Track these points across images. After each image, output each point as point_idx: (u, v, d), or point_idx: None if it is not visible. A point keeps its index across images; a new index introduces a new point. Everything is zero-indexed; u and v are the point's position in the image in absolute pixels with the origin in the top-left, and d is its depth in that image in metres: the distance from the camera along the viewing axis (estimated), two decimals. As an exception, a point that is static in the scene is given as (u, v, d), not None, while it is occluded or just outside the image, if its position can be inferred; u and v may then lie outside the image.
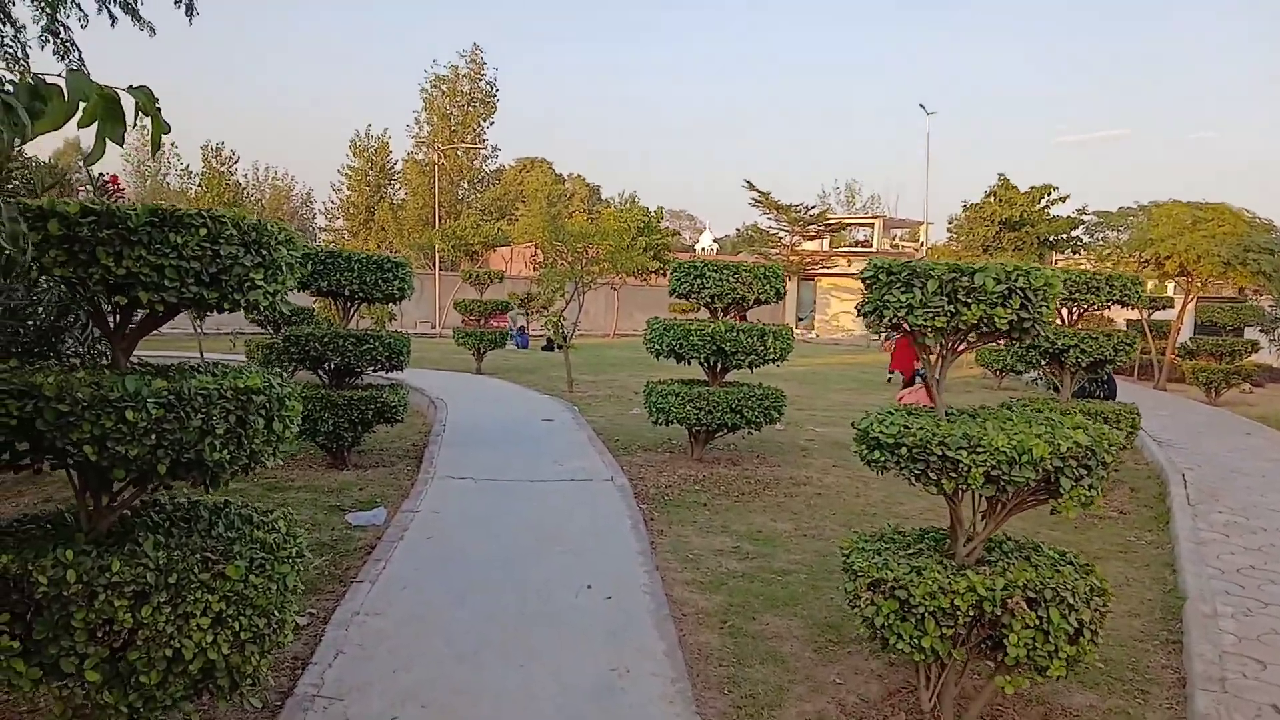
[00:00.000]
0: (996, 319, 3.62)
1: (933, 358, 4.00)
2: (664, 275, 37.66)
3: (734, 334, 9.31)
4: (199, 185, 49.52)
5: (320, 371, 9.01)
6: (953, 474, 3.62)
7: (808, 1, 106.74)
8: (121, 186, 7.47)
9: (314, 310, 15.63)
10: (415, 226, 53.17)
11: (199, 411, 3.33)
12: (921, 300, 3.67)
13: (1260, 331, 15.85)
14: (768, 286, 9.64)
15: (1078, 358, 8.59)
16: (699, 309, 10.17)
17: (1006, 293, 3.62)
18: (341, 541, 6.47)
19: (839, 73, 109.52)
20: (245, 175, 61.81)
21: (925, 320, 3.67)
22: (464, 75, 58.14)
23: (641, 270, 19.81)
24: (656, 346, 9.73)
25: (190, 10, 7.88)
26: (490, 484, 7.94)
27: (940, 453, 3.60)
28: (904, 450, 3.74)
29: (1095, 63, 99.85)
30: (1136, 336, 9.25)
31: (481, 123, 58.18)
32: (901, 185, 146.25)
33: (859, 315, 4.05)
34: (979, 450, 3.55)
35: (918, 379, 17.41)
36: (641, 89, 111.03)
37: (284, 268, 3.63)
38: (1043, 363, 9.62)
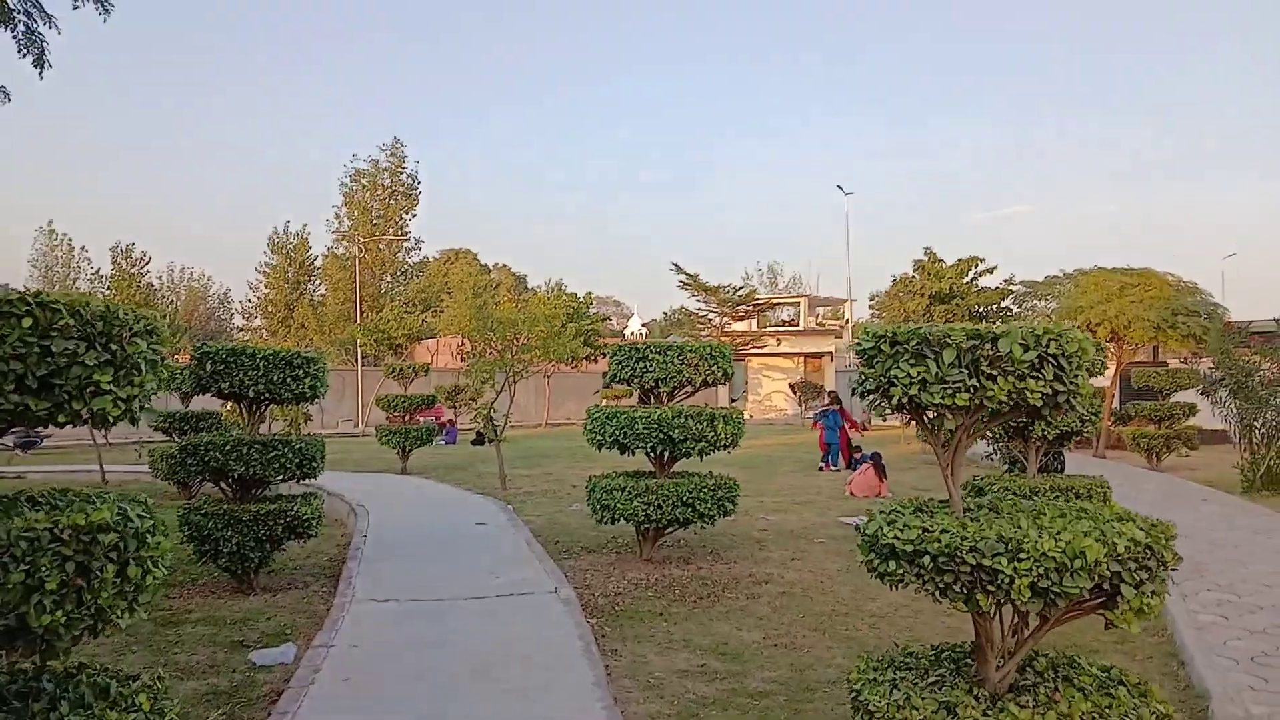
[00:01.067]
0: (1029, 394, 3.00)
1: (947, 441, 3.36)
2: (595, 361, 37.09)
3: (682, 420, 8.64)
4: (108, 288, 47.55)
5: (223, 484, 8.02)
6: (990, 587, 2.95)
7: (720, 86, 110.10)
8: None
9: (219, 414, 14.49)
10: (337, 322, 51.88)
11: (21, 562, 2.50)
12: (938, 374, 3.04)
13: (1200, 394, 15.88)
14: (715, 367, 9.04)
15: (1043, 430, 8.12)
16: (634, 393, 9.53)
17: (1038, 361, 3.02)
18: (243, 688, 5.46)
19: (759, 156, 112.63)
20: (160, 277, 59.95)
21: (944, 399, 3.04)
22: (384, 169, 57.73)
23: (573, 357, 19.09)
24: (599, 437, 9.00)
25: (43, 65, 7.12)
26: (417, 606, 6.99)
27: (974, 561, 2.93)
28: (926, 560, 3.05)
29: (998, 142, 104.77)
30: (1100, 405, 8.88)
31: (404, 215, 57.61)
32: (821, 265, 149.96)
33: (858, 394, 3.40)
34: (1021, 556, 2.89)
35: (859, 462, 17.01)
36: (564, 175, 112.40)
37: (142, 366, 2.83)
38: (1002, 436, 9.15)
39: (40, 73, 7.72)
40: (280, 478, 7.89)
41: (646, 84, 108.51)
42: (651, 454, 9.07)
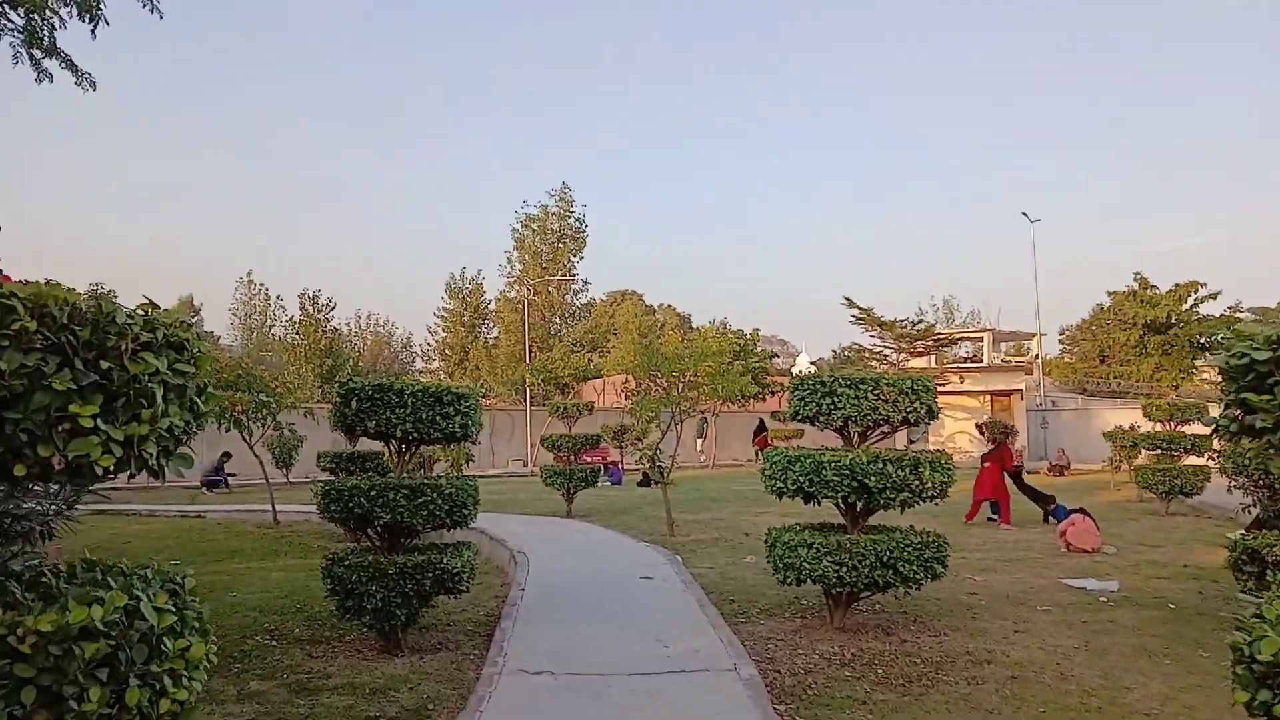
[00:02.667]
0: None
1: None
2: (763, 400, 35.70)
3: (880, 466, 7.34)
4: (295, 333, 50.38)
5: (369, 532, 7.36)
6: None
7: (891, 114, 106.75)
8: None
9: (383, 454, 14.21)
10: (509, 364, 52.92)
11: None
12: None
13: None
14: (917, 403, 7.70)
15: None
16: (800, 433, 8.30)
17: None
18: (368, 783, 4.61)
19: (929, 188, 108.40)
20: (348, 323, 63.31)
21: None
22: (553, 214, 58.93)
23: (740, 395, 17.96)
24: (779, 484, 7.81)
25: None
26: (575, 682, 5.98)
27: None
28: None
29: (1186, 170, 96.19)
30: None
31: (571, 258, 58.48)
32: (999, 299, 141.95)
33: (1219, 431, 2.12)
34: None
35: (1057, 512, 14.92)
36: (726, 214, 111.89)
37: (156, 394, 1.94)
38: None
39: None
40: (427, 526, 7.15)
41: (813, 124, 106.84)
42: (842, 505, 7.80)
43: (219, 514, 18.54)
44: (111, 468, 1.90)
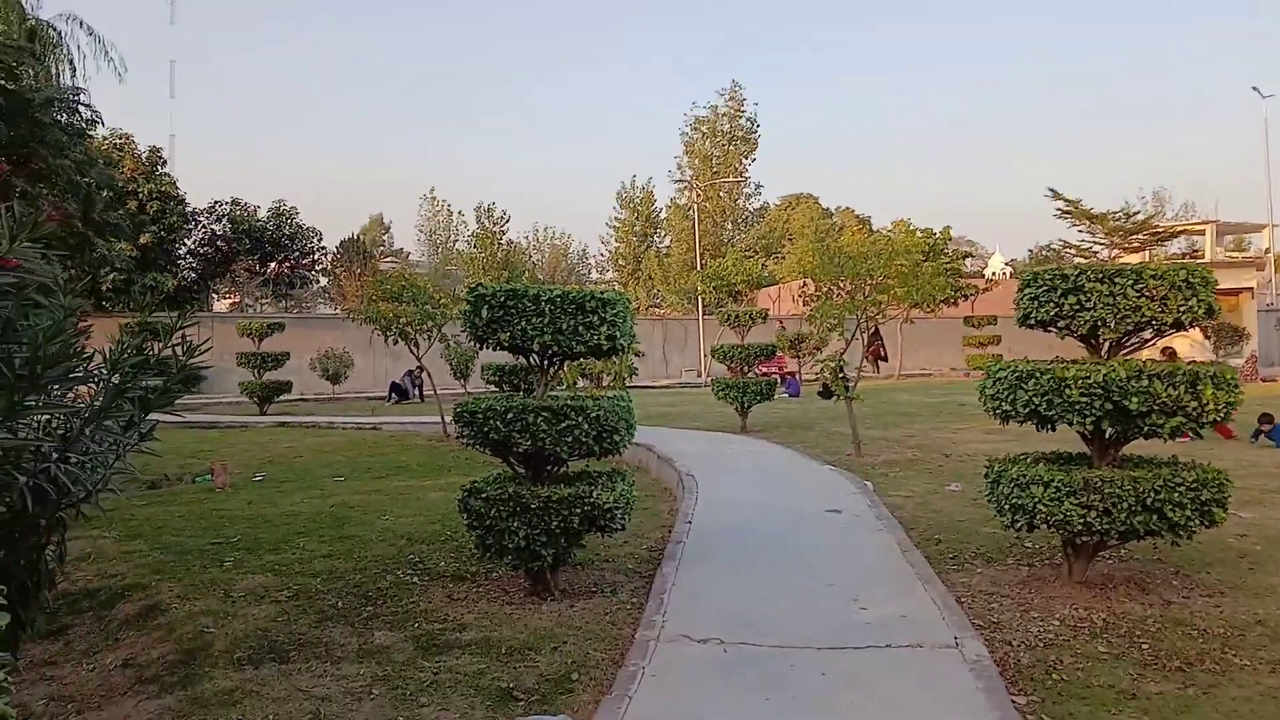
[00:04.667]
0: None
1: None
2: (954, 305, 32.95)
3: (1145, 383, 5.63)
4: (471, 246, 51.15)
5: (511, 459, 6.39)
6: None
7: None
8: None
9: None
10: (681, 272, 51.89)
11: None
12: None
13: None
14: (1193, 300, 5.88)
15: None
16: (995, 339, 6.58)
17: None
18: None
19: (1134, 67, 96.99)
20: (526, 237, 63.99)
21: None
22: (723, 114, 56.58)
23: (929, 300, 16.00)
24: (1005, 406, 6.22)
25: None
26: (750, 656, 4.79)
27: None
28: None
29: None
30: None
31: (743, 160, 56.19)
32: (1215, 190, 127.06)
33: None
34: None
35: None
36: (906, 106, 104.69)
37: None
38: None
39: None
40: (573, 455, 6.09)
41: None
42: (1089, 431, 6.14)
43: (394, 426, 18.59)
44: None
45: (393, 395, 26.18)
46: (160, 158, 34.16)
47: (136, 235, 26.18)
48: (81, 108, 7.39)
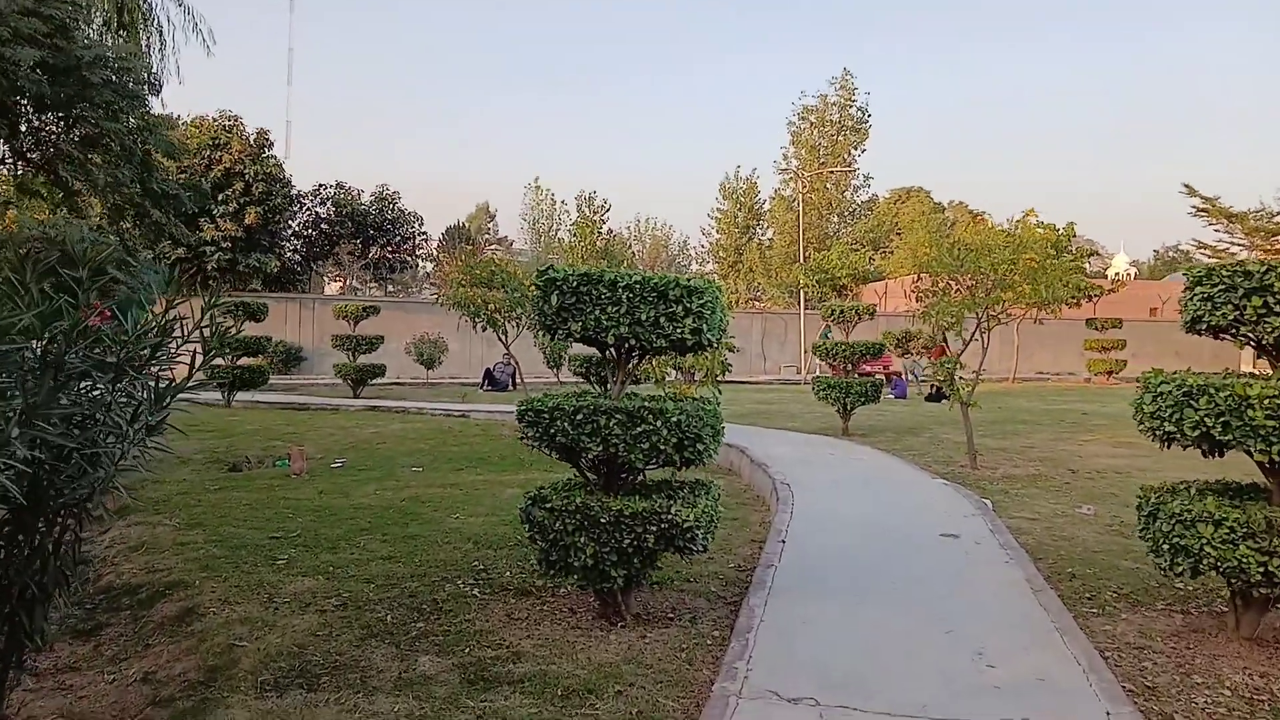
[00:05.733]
0: None
1: None
2: (1077, 306, 30.88)
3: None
4: (572, 235, 50.92)
5: (581, 465, 5.67)
6: None
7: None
8: None
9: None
10: (782, 265, 50.56)
11: None
12: None
13: None
14: None
15: None
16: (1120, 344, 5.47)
17: None
18: None
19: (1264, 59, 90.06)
20: (627, 227, 63.59)
21: None
22: (833, 104, 54.82)
23: (1059, 300, 14.60)
24: (1168, 426, 5.17)
25: None
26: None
27: None
28: None
29: None
30: None
31: (852, 151, 54.35)
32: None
33: None
34: None
35: None
36: (1025, 100, 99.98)
37: None
38: None
39: None
40: (649, 463, 5.33)
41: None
42: (1272, 462, 5.04)
43: (482, 415, 18.20)
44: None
45: (486, 382, 25.94)
46: (268, 140, 34.85)
47: (200, 208, 26.13)
48: (143, 73, 6.99)
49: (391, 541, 7.37)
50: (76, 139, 6.29)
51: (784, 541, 6.90)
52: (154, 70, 10.07)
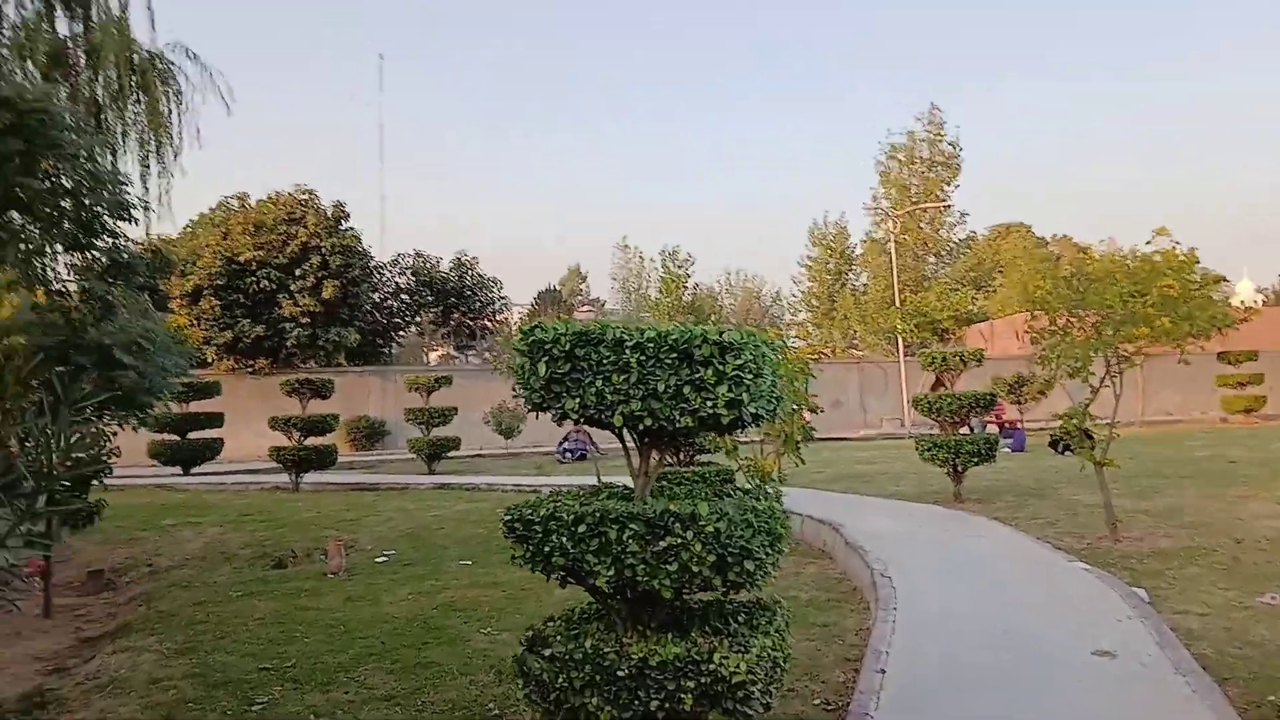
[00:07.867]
0: None
1: None
2: (1208, 339, 27.90)
3: None
4: (658, 290, 49.97)
5: (597, 587, 4.25)
6: None
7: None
8: None
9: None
10: (878, 311, 48.33)
11: None
12: None
13: None
14: None
15: None
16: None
17: None
18: None
19: None
20: (718, 281, 62.39)
21: None
22: (921, 140, 52.83)
23: (1205, 334, 12.51)
24: None
25: None
26: None
27: None
28: None
29: None
30: None
31: (945, 187, 52.08)
32: None
33: None
34: None
35: None
36: (1128, 125, 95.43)
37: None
38: None
39: None
40: (679, 590, 3.89)
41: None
42: None
43: (552, 487, 16.90)
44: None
45: (565, 454, 24.71)
46: (344, 212, 34.91)
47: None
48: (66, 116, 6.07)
49: (399, 673, 6.06)
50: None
51: (884, 670, 5.26)
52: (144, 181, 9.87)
